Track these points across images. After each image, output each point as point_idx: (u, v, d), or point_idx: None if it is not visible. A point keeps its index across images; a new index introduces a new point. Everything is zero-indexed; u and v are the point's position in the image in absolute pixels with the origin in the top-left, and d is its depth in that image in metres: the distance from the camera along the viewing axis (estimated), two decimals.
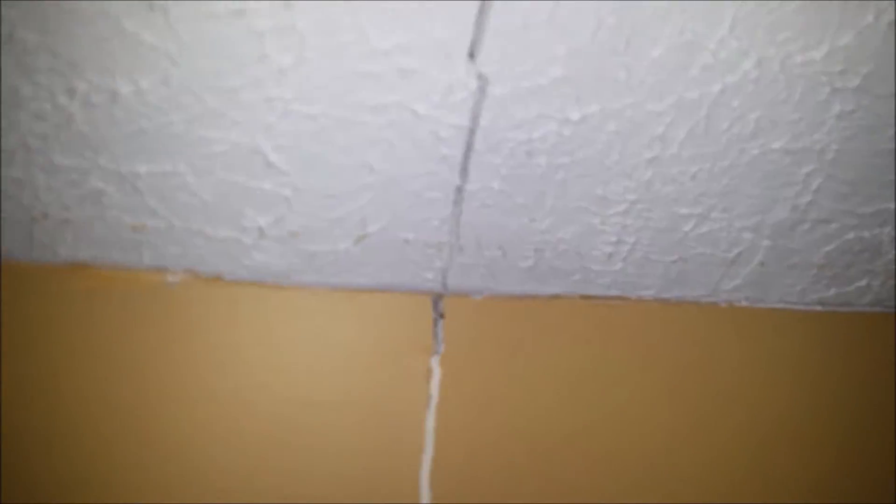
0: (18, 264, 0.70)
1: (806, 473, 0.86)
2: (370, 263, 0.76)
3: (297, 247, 0.72)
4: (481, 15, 0.58)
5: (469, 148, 0.67)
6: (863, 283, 0.87)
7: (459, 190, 0.70)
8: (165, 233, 0.68)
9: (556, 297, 0.83)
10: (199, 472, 0.73)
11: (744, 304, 0.89)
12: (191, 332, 0.75)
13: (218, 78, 0.58)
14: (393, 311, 0.80)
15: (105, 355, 0.73)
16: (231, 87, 0.59)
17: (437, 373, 0.80)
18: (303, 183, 0.67)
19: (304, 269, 0.75)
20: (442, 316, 0.81)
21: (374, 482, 0.77)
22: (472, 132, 0.66)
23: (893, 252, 0.83)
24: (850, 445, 0.87)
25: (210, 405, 0.74)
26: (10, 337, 0.71)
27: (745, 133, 0.70)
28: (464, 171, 0.69)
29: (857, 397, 0.88)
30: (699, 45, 0.63)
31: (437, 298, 0.81)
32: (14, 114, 0.59)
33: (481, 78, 0.62)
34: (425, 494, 0.77)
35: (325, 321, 0.78)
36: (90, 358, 0.72)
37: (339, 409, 0.77)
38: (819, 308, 0.90)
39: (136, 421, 0.73)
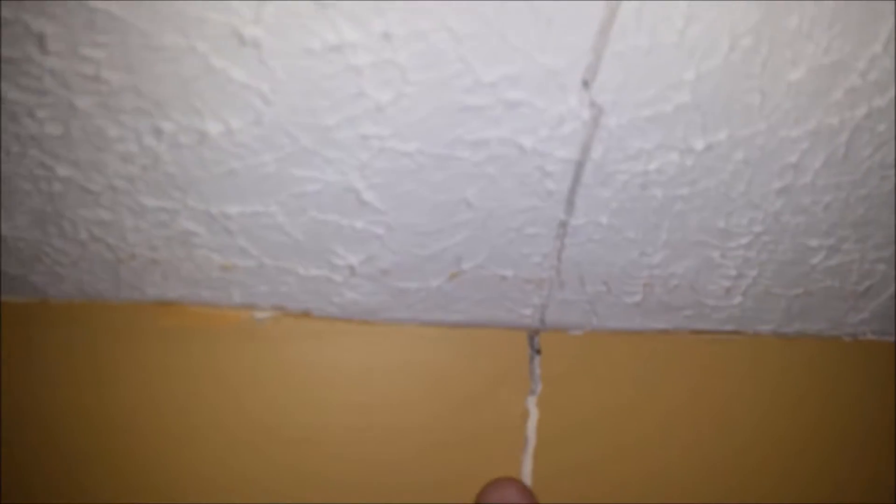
0: (105, 304, 0.68)
1: None
2: (463, 300, 0.71)
3: (388, 284, 0.68)
4: (600, 39, 0.52)
5: (577, 182, 0.61)
6: None
7: (563, 225, 0.64)
8: (255, 272, 0.65)
9: (663, 332, 0.77)
10: None
11: (869, 337, 0.81)
12: (278, 366, 0.72)
13: (312, 116, 0.54)
14: (485, 348, 0.75)
15: (192, 390, 0.70)
16: (326, 125, 0.54)
17: (533, 414, 0.74)
18: (396, 221, 0.62)
19: (394, 305, 0.70)
20: (538, 352, 0.75)
21: None
22: (580, 165, 0.60)
23: None
24: None
25: (296, 443, 0.71)
26: (98, 374, 0.69)
27: (889, 159, 0.62)
28: (570, 205, 0.63)
29: None
30: (846, 65, 0.55)
31: (533, 334, 0.76)
32: (101, 156, 0.56)
33: (595, 107, 0.56)
34: None
35: (414, 357, 0.74)
36: (175, 393, 0.70)
37: (428, 454, 0.73)
38: None
39: (221, 454, 0.70)
